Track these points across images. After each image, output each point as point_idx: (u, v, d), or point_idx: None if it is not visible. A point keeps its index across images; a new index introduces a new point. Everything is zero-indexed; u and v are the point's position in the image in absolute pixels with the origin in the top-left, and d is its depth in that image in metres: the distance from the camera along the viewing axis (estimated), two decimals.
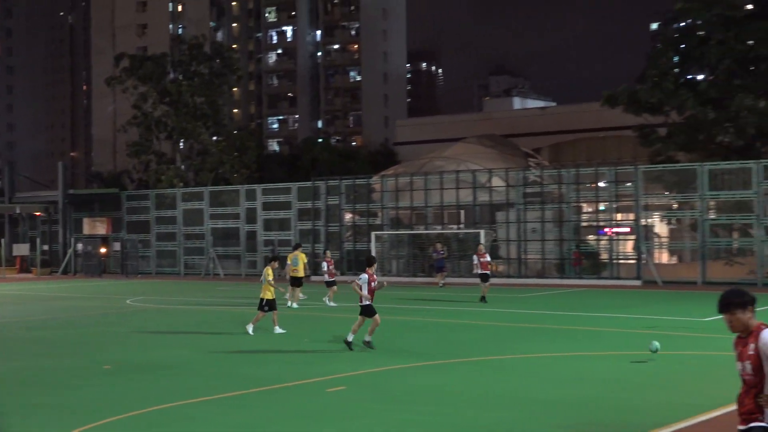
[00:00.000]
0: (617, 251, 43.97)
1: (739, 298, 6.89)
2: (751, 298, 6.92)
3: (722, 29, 45.82)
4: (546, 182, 46.49)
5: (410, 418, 12.58)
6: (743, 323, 6.89)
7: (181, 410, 13.35)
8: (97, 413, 13.05)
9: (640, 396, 14.01)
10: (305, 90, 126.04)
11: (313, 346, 20.60)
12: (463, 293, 35.93)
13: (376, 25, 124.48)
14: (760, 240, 39.76)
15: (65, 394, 15.00)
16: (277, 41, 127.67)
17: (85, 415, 12.95)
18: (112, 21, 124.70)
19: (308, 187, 51.56)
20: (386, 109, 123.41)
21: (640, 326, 23.83)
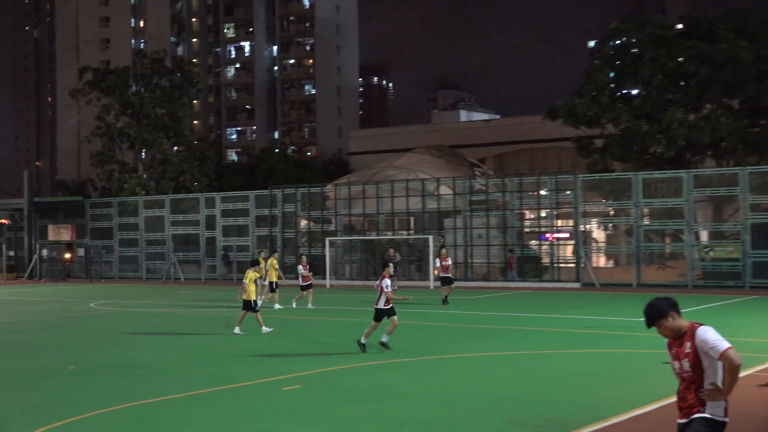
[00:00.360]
0: (558, 255, 44.25)
1: (655, 309, 6.99)
2: (667, 306, 6.97)
3: (654, 47, 46.30)
4: (491, 190, 46.68)
5: (362, 415, 12.52)
6: (672, 329, 6.97)
7: (144, 409, 13.18)
8: (61, 412, 12.84)
9: (583, 392, 14.08)
10: (262, 102, 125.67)
11: (271, 346, 20.44)
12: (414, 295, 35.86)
13: (330, 41, 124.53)
14: (690, 245, 40.23)
15: (29, 394, 14.72)
16: (235, 56, 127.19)
17: (48, 415, 12.73)
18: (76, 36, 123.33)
19: (265, 195, 51.35)
20: (340, 121, 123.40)
21: (580, 326, 24.01)
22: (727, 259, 39.11)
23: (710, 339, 6.65)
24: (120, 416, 12.69)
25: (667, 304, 6.94)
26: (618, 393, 13.86)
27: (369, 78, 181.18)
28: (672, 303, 6.96)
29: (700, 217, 42.85)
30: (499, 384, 14.89)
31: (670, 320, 6.89)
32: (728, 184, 39.92)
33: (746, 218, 38.43)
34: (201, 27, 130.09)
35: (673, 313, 6.91)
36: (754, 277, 37.85)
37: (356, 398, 13.73)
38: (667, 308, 6.91)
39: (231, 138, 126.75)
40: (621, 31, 49.61)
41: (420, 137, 77.56)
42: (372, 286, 43.69)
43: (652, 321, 6.99)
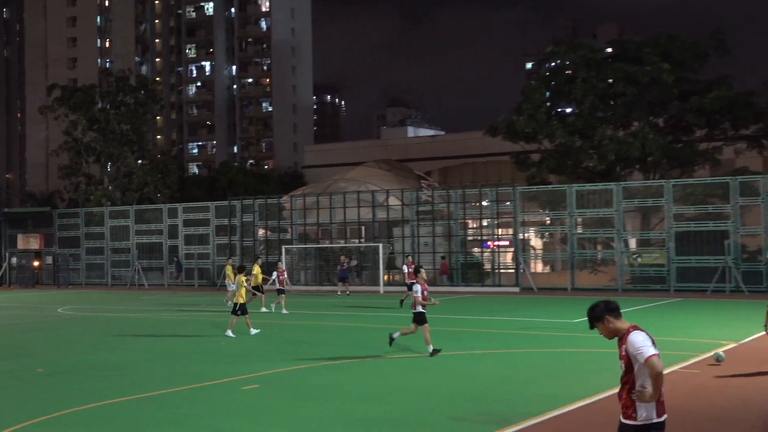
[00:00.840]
0: (499, 262, 44.49)
1: (593, 312, 6.97)
2: (603, 310, 6.92)
3: (586, 69, 46.81)
4: (436, 201, 46.82)
5: (316, 412, 12.46)
6: (610, 330, 6.91)
7: (107, 409, 12.97)
8: (29, 413, 12.60)
9: (522, 389, 14.14)
10: (222, 119, 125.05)
11: (231, 348, 20.28)
12: (365, 300, 35.88)
13: (286, 62, 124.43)
14: (620, 251, 40.71)
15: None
16: (196, 75, 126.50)
17: (16, 415, 12.49)
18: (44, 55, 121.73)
19: (225, 205, 51.05)
20: (295, 136, 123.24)
21: (518, 327, 24.14)
22: (653, 265, 39.65)
23: (638, 344, 6.60)
24: (84, 416, 12.50)
25: (604, 308, 6.90)
26: (553, 389, 13.95)
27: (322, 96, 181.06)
28: (610, 307, 6.91)
29: (628, 226, 43.40)
30: (443, 382, 14.91)
31: (608, 323, 6.89)
32: (654, 196, 40.49)
33: (671, 227, 38.99)
34: (164, 47, 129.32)
35: (609, 317, 6.87)
36: (677, 281, 38.40)
37: (311, 396, 13.66)
38: (603, 312, 6.89)
39: (192, 152, 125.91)
40: (556, 54, 50.15)
41: (370, 152, 77.64)
42: (326, 291, 43.66)
43: (591, 324, 7.00)
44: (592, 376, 15.19)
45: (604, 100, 46.95)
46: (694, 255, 38.30)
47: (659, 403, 6.60)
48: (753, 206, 38.03)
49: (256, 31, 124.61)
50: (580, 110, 47.57)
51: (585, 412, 12.12)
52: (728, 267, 36.92)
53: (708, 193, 40.28)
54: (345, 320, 27.58)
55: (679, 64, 46.10)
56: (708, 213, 39.05)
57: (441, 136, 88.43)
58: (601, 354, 18.21)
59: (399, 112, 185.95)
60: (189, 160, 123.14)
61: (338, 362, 17.52)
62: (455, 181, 69.43)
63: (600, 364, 16.68)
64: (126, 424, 12.03)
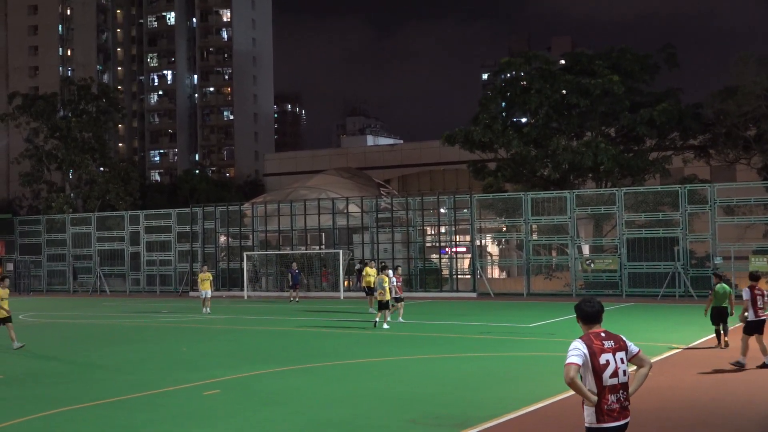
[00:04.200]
0: (456, 268, 44.66)
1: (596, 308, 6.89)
2: (575, 308, 6.96)
3: (541, 80, 47.20)
4: (395, 209, 46.90)
5: (276, 416, 12.40)
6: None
7: (67, 415, 12.79)
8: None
9: (479, 392, 14.19)
10: (184, 127, 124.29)
11: (192, 354, 20.11)
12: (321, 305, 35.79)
13: (247, 71, 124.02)
14: (573, 257, 41.08)
15: None
16: (158, 84, 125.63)
17: None
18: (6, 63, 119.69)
19: (187, 213, 50.71)
20: (256, 145, 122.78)
21: (475, 332, 24.23)
22: (606, 270, 40.04)
23: (568, 350, 6.62)
24: (43, 422, 12.29)
25: (575, 309, 6.95)
26: (510, 393, 14.02)
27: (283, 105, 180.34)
28: (577, 311, 6.93)
29: (582, 233, 43.86)
30: (401, 386, 14.91)
31: (579, 324, 6.95)
32: (606, 203, 40.94)
33: (622, 234, 39.43)
34: (126, 56, 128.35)
35: (578, 317, 6.92)
36: (629, 286, 38.85)
37: (270, 401, 13.60)
38: (576, 311, 6.94)
39: (154, 160, 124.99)
40: (511, 66, 50.50)
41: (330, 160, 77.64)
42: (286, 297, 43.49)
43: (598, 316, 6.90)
44: (547, 379, 15.30)
45: (558, 110, 47.36)
46: (645, 261, 38.77)
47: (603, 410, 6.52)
48: (701, 213, 38.61)
49: (217, 41, 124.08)
50: (535, 121, 47.94)
51: (540, 415, 12.20)
52: (678, 272, 37.43)
53: (658, 201, 40.84)
54: (306, 325, 27.48)
55: (630, 76, 46.70)
56: (658, 220, 39.57)
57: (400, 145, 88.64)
58: (556, 358, 18.36)
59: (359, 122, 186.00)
60: (151, 167, 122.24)
61: (298, 367, 17.46)
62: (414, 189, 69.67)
63: (555, 368, 16.80)
64: (85, 430, 11.87)
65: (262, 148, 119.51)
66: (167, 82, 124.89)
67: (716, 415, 11.98)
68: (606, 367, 6.54)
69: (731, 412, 12.16)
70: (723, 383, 14.61)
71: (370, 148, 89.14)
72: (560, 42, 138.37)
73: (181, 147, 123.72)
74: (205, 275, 33.13)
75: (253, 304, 39.07)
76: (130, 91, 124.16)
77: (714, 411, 12.27)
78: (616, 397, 6.57)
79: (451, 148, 52.23)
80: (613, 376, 6.56)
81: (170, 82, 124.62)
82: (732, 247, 37.35)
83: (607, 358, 6.57)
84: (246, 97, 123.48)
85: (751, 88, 42.60)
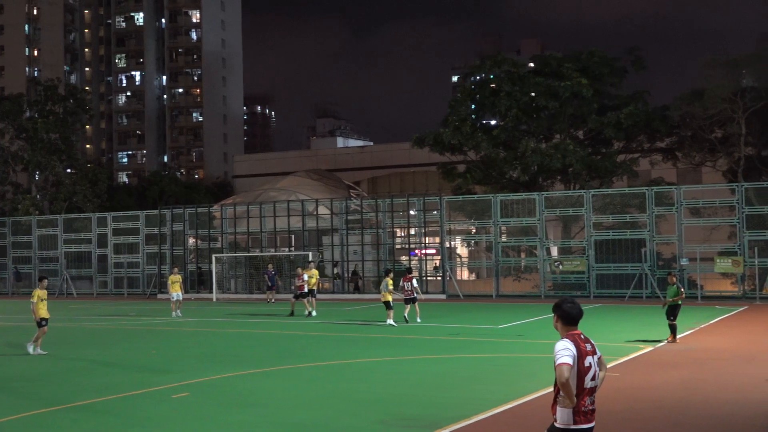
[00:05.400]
0: (426, 269, 44.74)
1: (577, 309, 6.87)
2: (553, 308, 6.96)
3: (510, 83, 47.43)
4: (365, 210, 46.91)
5: (245, 419, 12.34)
6: (558, 329, 6.92)
7: (33, 419, 12.63)
8: None
9: (449, 393, 14.22)
10: (152, 128, 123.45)
11: (161, 357, 19.98)
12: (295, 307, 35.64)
13: (217, 72, 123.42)
14: (542, 259, 41.32)
15: None
16: (126, 84, 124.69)
17: None
18: None
19: (155, 215, 50.37)
20: (225, 146, 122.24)
21: (445, 333, 24.29)
22: (574, 272, 40.32)
23: (555, 350, 6.62)
24: (9, 427, 12.16)
25: (553, 309, 6.95)
26: (480, 393, 14.06)
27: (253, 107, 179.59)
28: (554, 307, 6.93)
29: (551, 235, 44.11)
30: (371, 387, 14.91)
31: (554, 320, 6.97)
32: (575, 205, 41.23)
33: (590, 235, 39.72)
34: (93, 57, 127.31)
35: (554, 316, 6.93)
36: (597, 287, 39.14)
37: (241, 403, 13.54)
38: (553, 310, 6.95)
39: (122, 161, 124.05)
40: (480, 68, 50.72)
41: (300, 162, 77.52)
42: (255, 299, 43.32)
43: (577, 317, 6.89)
44: (517, 380, 15.38)
45: (527, 113, 47.64)
46: (612, 262, 39.08)
47: (580, 411, 6.57)
48: (668, 215, 38.99)
49: (186, 42, 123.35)
50: (504, 123, 48.18)
51: (510, 416, 12.25)
52: (645, 274, 37.77)
53: (625, 203, 41.21)
54: (275, 327, 27.39)
55: (598, 79, 47.08)
56: (625, 222, 39.91)
57: (370, 147, 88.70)
58: (526, 359, 18.47)
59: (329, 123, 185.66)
60: (119, 169, 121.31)
61: (269, 369, 17.40)
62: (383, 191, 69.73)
63: (524, 369, 16.90)
64: None
65: (231, 150, 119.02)
66: (136, 83, 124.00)
67: (684, 415, 12.10)
68: (589, 369, 6.61)
69: (699, 412, 12.29)
70: (690, 383, 14.76)
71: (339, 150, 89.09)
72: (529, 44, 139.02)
73: (150, 148, 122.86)
74: (175, 277, 32.86)
75: (222, 306, 38.88)
76: (97, 92, 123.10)
77: (682, 411, 12.39)
78: (591, 400, 6.64)
79: (421, 150, 52.34)
80: (592, 378, 6.64)
81: (139, 83, 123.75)
82: (698, 248, 37.75)
83: (590, 360, 6.64)
84: (215, 98, 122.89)
85: (716, 92, 43.10)
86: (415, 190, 67.00)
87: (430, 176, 68.07)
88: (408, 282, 27.70)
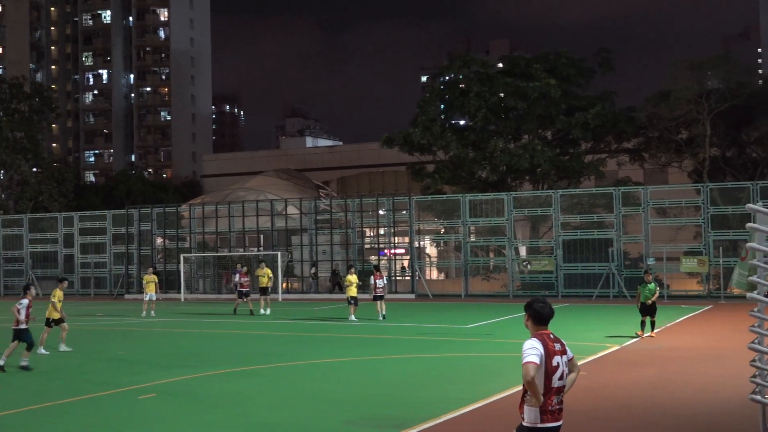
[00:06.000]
0: (395, 269, 44.76)
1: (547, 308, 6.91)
2: (525, 307, 6.98)
3: (479, 84, 47.58)
4: (334, 210, 46.84)
5: (212, 420, 12.25)
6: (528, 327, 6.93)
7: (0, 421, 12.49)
8: None
9: (417, 393, 14.21)
10: (120, 127, 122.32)
11: (128, 357, 19.79)
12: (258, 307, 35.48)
13: (185, 71, 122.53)
14: (511, 259, 41.49)
15: None
16: (93, 83, 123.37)
17: None
18: None
19: (122, 214, 49.94)
20: (194, 146, 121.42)
21: (414, 333, 24.31)
22: (542, 272, 40.53)
23: (523, 349, 6.64)
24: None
25: (526, 308, 6.96)
26: (448, 393, 14.08)
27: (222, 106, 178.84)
28: (526, 307, 6.95)
29: (519, 234, 44.30)
30: (340, 387, 14.88)
31: (525, 319, 6.98)
32: (543, 205, 41.44)
33: (558, 235, 39.95)
34: (60, 55, 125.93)
35: (525, 315, 6.95)
36: (565, 287, 39.37)
37: (208, 404, 13.44)
38: (525, 309, 6.96)
39: (89, 160, 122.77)
40: (450, 69, 50.86)
41: (269, 161, 77.28)
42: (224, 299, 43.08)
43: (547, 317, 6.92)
44: (485, 379, 15.42)
45: (496, 113, 47.82)
46: (580, 262, 39.33)
47: (547, 410, 6.59)
48: (635, 215, 39.31)
49: (154, 41, 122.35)
50: (473, 123, 48.35)
51: (478, 415, 12.28)
52: (612, 273, 38.05)
53: (593, 203, 41.48)
54: (244, 328, 27.27)
55: (566, 80, 47.37)
56: (593, 222, 40.19)
57: (339, 147, 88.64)
58: (494, 358, 18.53)
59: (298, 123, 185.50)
60: (86, 168, 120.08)
61: (237, 369, 17.31)
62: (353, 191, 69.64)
63: (493, 368, 16.95)
64: None
65: (200, 149, 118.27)
66: (103, 82, 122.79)
67: (652, 414, 12.19)
68: (557, 369, 6.63)
69: (666, 410, 12.39)
70: (657, 382, 14.88)
71: (309, 150, 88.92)
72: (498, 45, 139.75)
73: (117, 147, 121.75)
74: (150, 277, 32.79)
75: (190, 306, 38.62)
76: (64, 90, 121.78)
77: (649, 409, 12.48)
78: (558, 399, 6.66)
79: (390, 150, 52.38)
80: (560, 378, 6.65)
81: (106, 81, 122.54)
82: (664, 248, 38.10)
83: (558, 360, 6.66)
84: (184, 97, 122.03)
85: (682, 93, 43.57)
86: (384, 190, 67.03)
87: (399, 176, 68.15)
88: (380, 279, 28.98)
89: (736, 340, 19.61)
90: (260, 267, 33.46)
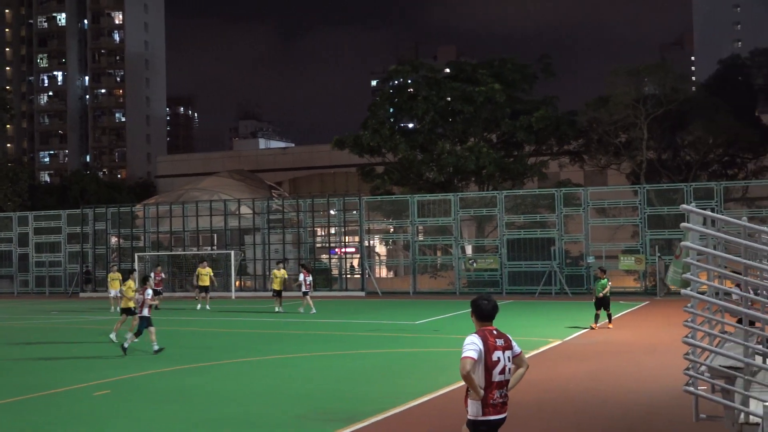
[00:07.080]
0: (346, 268, 44.71)
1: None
2: (471, 304, 6.98)
3: (427, 88, 47.79)
4: (286, 210, 46.63)
5: (166, 415, 12.10)
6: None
7: None
8: None
9: (367, 387, 14.21)
10: (75, 128, 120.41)
11: (83, 354, 19.46)
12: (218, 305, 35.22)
13: (139, 74, 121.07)
14: (457, 257, 41.69)
15: None
16: (48, 84, 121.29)
17: None
18: None
19: (77, 214, 49.14)
20: (148, 147, 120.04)
21: (364, 329, 24.29)
22: (487, 270, 40.79)
23: (463, 344, 6.65)
24: None
25: (471, 305, 6.96)
26: (397, 387, 14.08)
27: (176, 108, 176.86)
28: (473, 308, 6.95)
29: (465, 234, 44.54)
30: (293, 382, 14.81)
31: (471, 316, 6.99)
32: (488, 206, 41.73)
33: (503, 234, 40.26)
34: (14, 56, 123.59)
35: (472, 313, 6.96)
36: (509, 284, 39.69)
37: (161, 400, 13.28)
38: (471, 307, 6.97)
39: (44, 161, 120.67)
40: (399, 73, 50.96)
41: (222, 162, 76.69)
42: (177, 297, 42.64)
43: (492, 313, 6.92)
44: (432, 373, 15.46)
45: (444, 117, 48.04)
46: (523, 260, 39.68)
47: (488, 404, 6.60)
48: (575, 215, 39.78)
49: (109, 43, 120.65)
50: (422, 126, 48.53)
51: (426, 408, 12.30)
52: (554, 271, 38.45)
53: (536, 204, 41.90)
54: (198, 325, 27.00)
55: (511, 85, 47.77)
56: (536, 221, 40.57)
57: (291, 149, 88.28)
58: (441, 353, 18.60)
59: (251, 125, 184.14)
60: (40, 168, 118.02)
61: (190, 366, 17.13)
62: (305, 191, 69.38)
63: (439, 363, 17.00)
64: None
65: (154, 150, 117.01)
66: (58, 83, 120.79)
67: (590, 404, 12.34)
68: (497, 364, 6.63)
69: (604, 401, 12.55)
70: (596, 374, 15.07)
71: (262, 151, 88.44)
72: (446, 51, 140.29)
73: (72, 148, 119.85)
74: (114, 275, 33.11)
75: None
76: (19, 92, 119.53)
77: (588, 400, 12.63)
78: (500, 393, 6.68)
79: (341, 152, 52.35)
80: (501, 372, 6.66)
81: (61, 83, 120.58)
82: (603, 246, 38.62)
83: (498, 355, 6.66)
84: (138, 99, 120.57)
85: (621, 98, 44.21)
86: (335, 190, 66.90)
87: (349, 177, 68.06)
88: (308, 276, 30.35)
89: (671, 334, 19.95)
90: (201, 266, 33.61)
